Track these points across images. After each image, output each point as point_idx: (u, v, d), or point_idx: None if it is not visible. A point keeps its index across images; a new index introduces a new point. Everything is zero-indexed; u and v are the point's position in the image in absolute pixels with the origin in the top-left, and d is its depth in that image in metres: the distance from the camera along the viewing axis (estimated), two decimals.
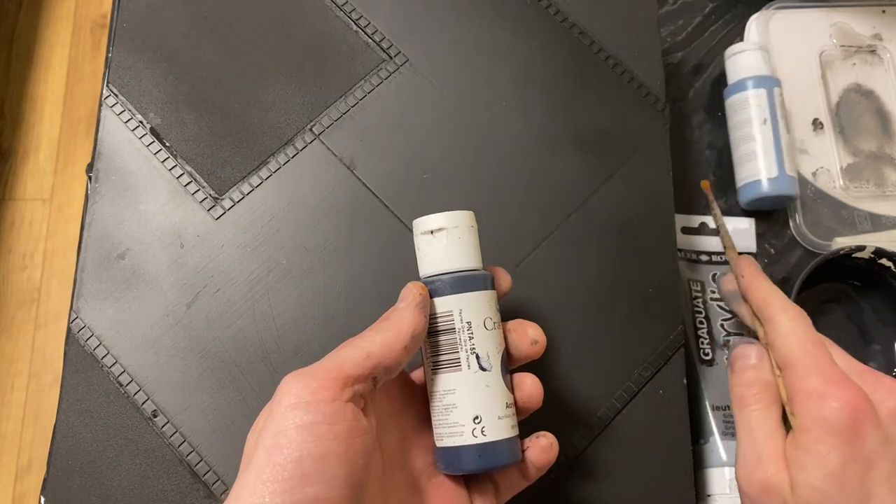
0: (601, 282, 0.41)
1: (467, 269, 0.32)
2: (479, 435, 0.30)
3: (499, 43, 0.45)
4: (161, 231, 0.40)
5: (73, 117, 1.26)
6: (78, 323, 0.39)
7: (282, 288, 0.40)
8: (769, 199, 0.48)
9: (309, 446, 0.26)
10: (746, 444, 0.33)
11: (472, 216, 0.33)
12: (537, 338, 0.33)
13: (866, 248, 0.45)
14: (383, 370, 0.29)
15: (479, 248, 0.33)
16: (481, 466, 0.31)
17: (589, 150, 0.44)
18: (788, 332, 0.33)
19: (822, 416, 0.30)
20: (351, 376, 0.28)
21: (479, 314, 0.31)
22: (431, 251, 0.32)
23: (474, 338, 0.31)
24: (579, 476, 0.38)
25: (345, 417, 0.27)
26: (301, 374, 0.28)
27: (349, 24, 0.45)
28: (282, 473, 0.26)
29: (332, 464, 0.26)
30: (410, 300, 0.31)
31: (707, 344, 0.44)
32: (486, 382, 0.31)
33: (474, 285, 0.31)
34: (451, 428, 0.31)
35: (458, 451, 0.31)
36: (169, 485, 0.37)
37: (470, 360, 0.31)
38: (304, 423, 0.26)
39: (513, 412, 0.32)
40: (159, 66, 0.43)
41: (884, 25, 0.55)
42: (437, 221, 0.32)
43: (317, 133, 0.43)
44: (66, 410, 0.37)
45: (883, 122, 0.53)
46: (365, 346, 0.29)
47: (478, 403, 0.31)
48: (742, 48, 0.50)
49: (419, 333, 0.30)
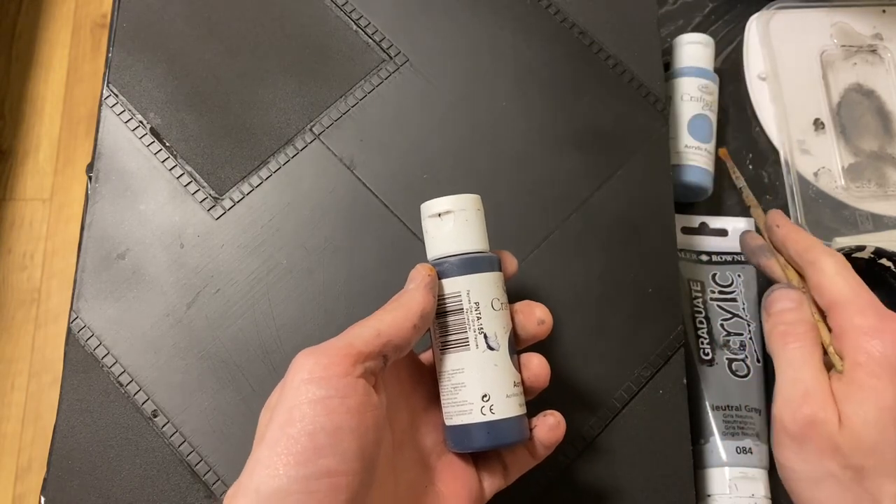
0: (601, 282, 0.41)
1: (475, 251, 0.32)
2: (488, 413, 0.31)
3: (498, 43, 0.45)
4: (161, 231, 0.40)
5: (73, 117, 1.26)
6: (78, 323, 0.39)
7: (282, 288, 0.40)
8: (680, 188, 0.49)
9: (322, 420, 0.26)
10: (790, 381, 0.33)
11: (478, 199, 0.33)
12: (544, 318, 0.33)
13: (866, 248, 0.45)
14: (393, 348, 0.30)
15: (485, 231, 0.33)
16: (490, 444, 0.31)
17: (589, 150, 0.44)
18: (836, 273, 0.34)
19: (879, 351, 0.31)
20: (362, 353, 0.29)
21: (487, 295, 0.32)
22: (439, 233, 0.33)
23: (482, 318, 0.31)
24: (579, 476, 0.38)
25: (356, 392, 0.28)
26: (314, 350, 0.28)
27: (349, 24, 0.45)
28: (295, 446, 0.26)
29: (345, 437, 0.27)
30: (420, 281, 0.31)
31: (707, 344, 0.44)
32: (495, 361, 0.31)
33: (482, 266, 0.32)
34: (460, 406, 0.31)
35: (467, 428, 0.31)
36: (169, 485, 0.37)
37: (478, 339, 0.31)
38: (317, 397, 0.27)
39: (520, 391, 0.32)
40: (159, 66, 0.43)
41: (884, 25, 0.55)
42: (444, 204, 0.33)
43: (317, 133, 0.43)
44: (66, 410, 0.37)
45: (884, 122, 0.53)
46: (375, 325, 0.30)
47: (486, 382, 0.31)
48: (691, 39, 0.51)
49: (428, 313, 0.31)
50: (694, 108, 0.49)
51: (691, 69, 0.50)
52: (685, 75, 0.50)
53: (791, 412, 0.33)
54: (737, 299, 0.46)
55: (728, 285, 0.46)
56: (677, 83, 0.50)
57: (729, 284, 0.46)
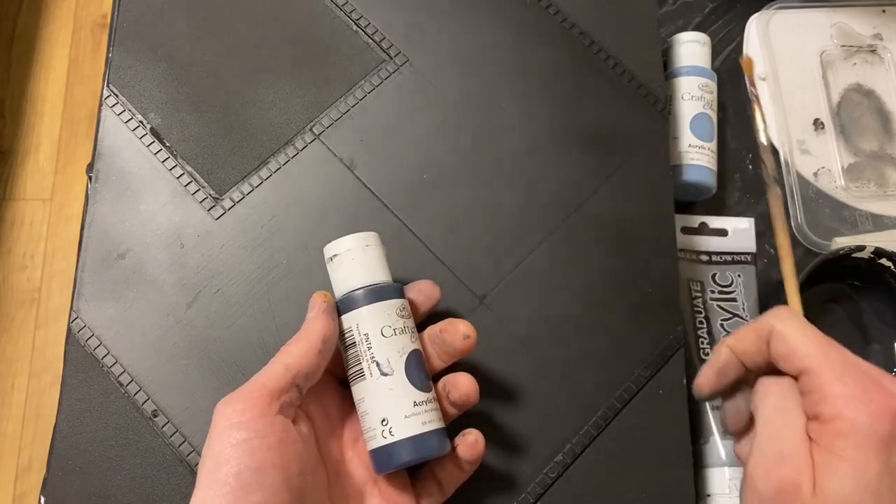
0: (601, 282, 0.41)
1: (361, 286, 0.34)
2: (388, 435, 0.32)
3: (499, 43, 0.45)
4: (161, 231, 0.40)
5: (74, 117, 1.26)
6: (78, 323, 0.39)
7: (282, 288, 0.40)
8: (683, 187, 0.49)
9: (246, 460, 0.29)
10: (767, 439, 0.31)
11: (364, 237, 0.35)
12: (468, 332, 0.34)
13: (866, 248, 0.45)
14: (304, 377, 0.32)
15: (375, 265, 0.35)
16: (396, 464, 0.32)
17: (589, 150, 0.44)
18: (800, 336, 0.31)
19: (864, 423, 0.28)
20: (275, 390, 0.31)
21: (376, 324, 0.33)
22: (334, 276, 0.35)
23: (372, 347, 0.33)
24: (579, 476, 0.38)
25: (275, 430, 0.30)
26: (231, 397, 0.31)
27: (349, 24, 0.45)
28: (224, 487, 0.28)
29: (269, 472, 0.29)
30: (317, 308, 0.33)
31: (707, 344, 0.44)
32: (389, 386, 0.33)
33: (368, 299, 0.34)
34: (368, 433, 0.33)
35: (375, 452, 0.33)
36: (169, 485, 0.37)
37: (371, 368, 0.33)
38: (238, 440, 0.29)
39: (426, 409, 0.33)
40: (159, 66, 0.43)
41: (884, 25, 0.55)
42: (331, 250, 0.35)
43: (317, 133, 0.43)
44: (66, 410, 0.37)
45: (884, 122, 0.53)
46: (283, 360, 0.32)
47: (383, 406, 0.33)
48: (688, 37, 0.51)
49: (330, 336, 0.33)
50: (695, 107, 0.49)
51: (691, 68, 0.50)
52: (685, 74, 0.50)
53: (765, 471, 0.30)
54: (737, 299, 0.46)
55: (728, 285, 0.46)
56: (677, 83, 0.50)
57: (729, 284, 0.46)
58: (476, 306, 0.40)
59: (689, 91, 0.49)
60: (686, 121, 0.49)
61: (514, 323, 0.40)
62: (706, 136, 0.49)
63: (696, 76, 0.50)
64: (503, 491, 0.37)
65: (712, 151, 0.49)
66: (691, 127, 0.49)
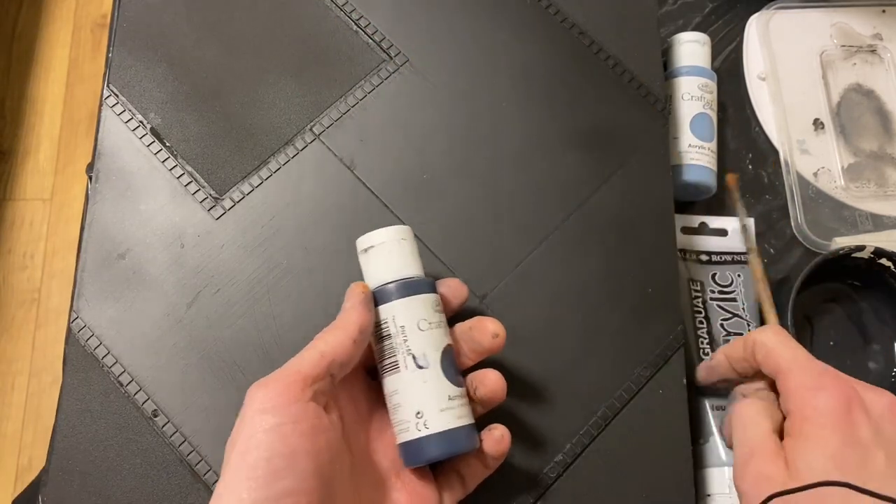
0: (601, 282, 0.41)
1: (397, 279, 0.34)
2: (423, 428, 0.32)
3: (499, 43, 0.45)
4: (161, 231, 0.40)
5: (74, 117, 1.26)
6: (78, 323, 0.39)
7: (282, 288, 0.40)
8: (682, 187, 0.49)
9: (277, 446, 0.29)
10: (738, 445, 0.36)
11: (399, 230, 0.35)
12: (497, 331, 0.34)
13: (866, 248, 0.45)
14: (338, 366, 0.32)
15: (410, 258, 0.35)
16: (428, 457, 0.33)
17: (589, 150, 0.44)
18: (778, 343, 0.36)
19: (823, 403, 0.33)
20: (309, 376, 0.31)
21: (413, 317, 0.33)
22: (368, 268, 0.35)
23: (409, 340, 0.33)
24: (579, 476, 0.38)
25: (307, 416, 0.30)
26: (264, 381, 0.30)
27: (349, 24, 0.45)
28: (255, 472, 0.28)
29: (300, 459, 0.29)
30: (354, 299, 0.33)
31: (707, 344, 0.44)
32: (424, 379, 0.33)
33: (406, 291, 0.34)
34: (399, 425, 0.33)
35: (408, 445, 0.33)
36: (169, 485, 0.37)
37: (407, 360, 0.33)
38: (271, 425, 0.29)
39: (459, 404, 0.33)
40: (159, 66, 0.43)
41: (884, 25, 0.55)
42: (367, 241, 0.35)
43: (317, 133, 0.43)
44: (66, 410, 0.37)
45: (884, 122, 0.53)
46: (319, 347, 0.32)
47: (418, 399, 0.33)
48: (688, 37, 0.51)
49: (366, 327, 0.33)
50: (695, 107, 0.49)
51: (690, 68, 0.50)
52: (684, 74, 0.50)
53: (739, 471, 0.35)
54: (737, 299, 0.46)
55: (728, 285, 0.46)
56: (677, 82, 0.50)
57: (729, 284, 0.46)
58: (476, 306, 0.40)
59: (689, 91, 0.49)
60: (686, 121, 0.49)
61: (514, 323, 0.40)
62: (706, 136, 0.49)
63: (696, 76, 0.50)
64: (503, 491, 0.37)
65: (712, 151, 0.49)
66: (691, 127, 0.49)
